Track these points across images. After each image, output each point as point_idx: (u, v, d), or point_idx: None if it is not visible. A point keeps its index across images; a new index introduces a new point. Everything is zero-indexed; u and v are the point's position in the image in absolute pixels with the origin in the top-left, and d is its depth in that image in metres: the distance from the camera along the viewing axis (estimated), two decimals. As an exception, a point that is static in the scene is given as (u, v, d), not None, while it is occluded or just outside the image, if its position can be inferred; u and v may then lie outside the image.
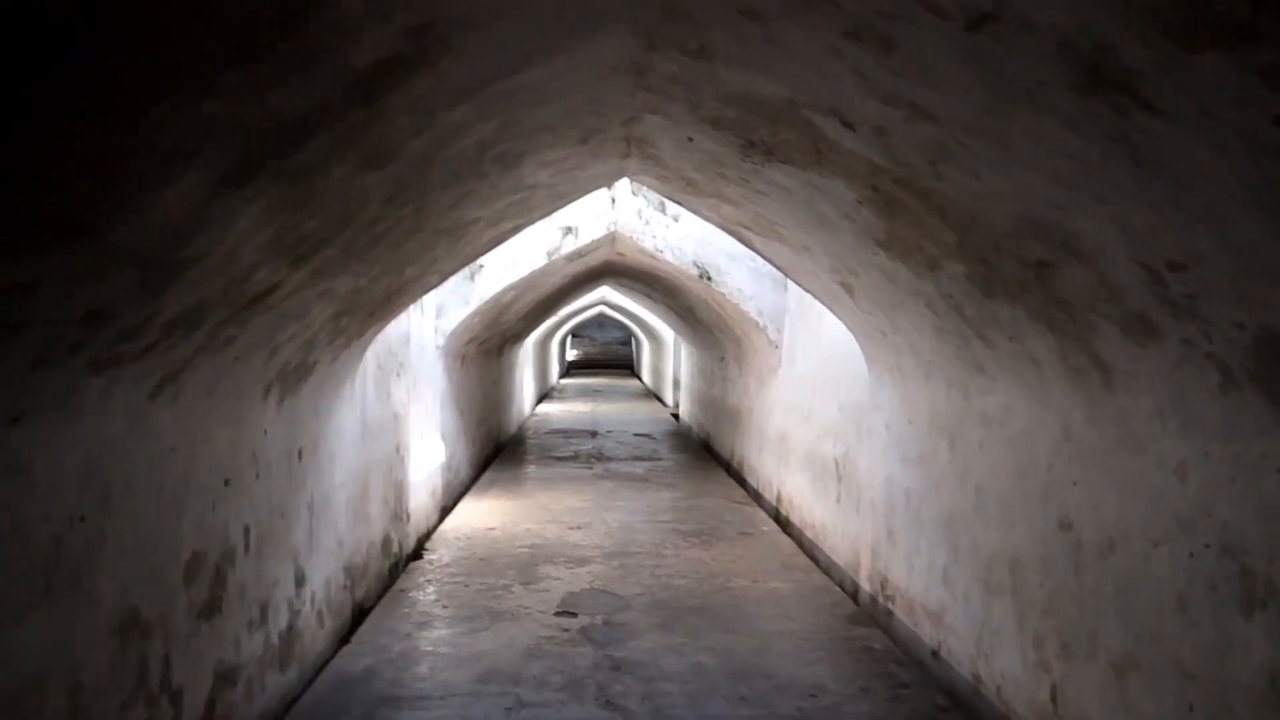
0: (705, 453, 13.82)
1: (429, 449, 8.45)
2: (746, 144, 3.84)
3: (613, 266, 11.39)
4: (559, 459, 12.71)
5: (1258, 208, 2.03)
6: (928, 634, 4.95)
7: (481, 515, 8.58)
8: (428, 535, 8.02)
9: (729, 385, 12.54)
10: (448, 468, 9.50)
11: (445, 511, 9.10)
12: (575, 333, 42.76)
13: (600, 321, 35.61)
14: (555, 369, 33.62)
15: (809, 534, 7.54)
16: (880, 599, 5.72)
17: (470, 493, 10.07)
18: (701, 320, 12.66)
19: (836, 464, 6.87)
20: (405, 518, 7.33)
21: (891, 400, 5.66)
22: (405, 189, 3.42)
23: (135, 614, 3.08)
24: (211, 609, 3.67)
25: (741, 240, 6.06)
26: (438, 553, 7.11)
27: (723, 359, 13.07)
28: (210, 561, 3.66)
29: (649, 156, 4.76)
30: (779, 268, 6.18)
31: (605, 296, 20.13)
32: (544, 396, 25.97)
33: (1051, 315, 3.23)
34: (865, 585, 6.00)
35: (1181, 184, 2.11)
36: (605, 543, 7.39)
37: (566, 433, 16.38)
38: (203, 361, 3.30)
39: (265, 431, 4.25)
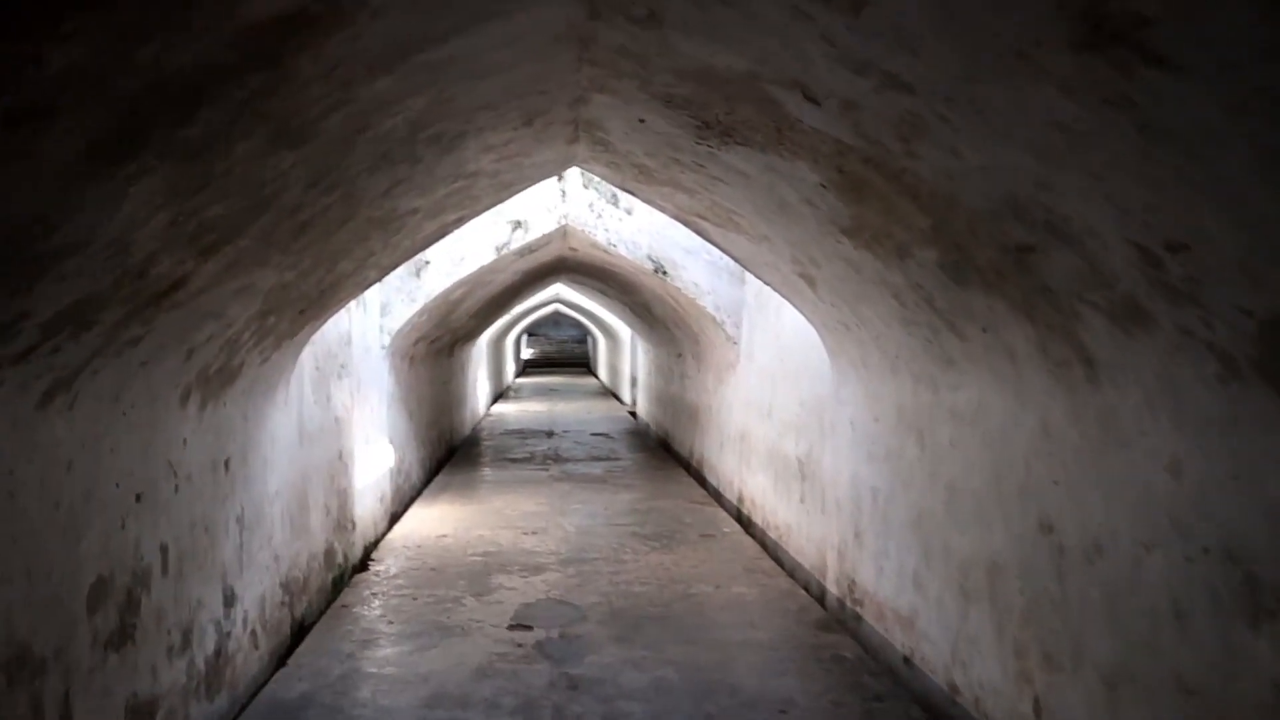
0: (664, 451, 13.58)
1: (376, 454, 8.09)
2: (702, 125, 3.58)
3: (565, 262, 11.09)
4: (514, 461, 12.38)
5: (1274, 179, 1.81)
6: (899, 640, 4.74)
7: (433, 522, 8.23)
8: (376, 544, 7.66)
9: (687, 382, 12.30)
10: (397, 472, 9.14)
11: (395, 518, 8.74)
12: (531, 331, 42.37)
13: (556, 320, 35.25)
14: (511, 368, 33.20)
15: (772, 535, 7.32)
16: (848, 603, 5.50)
17: (422, 497, 9.71)
18: (658, 317, 12.42)
19: (799, 462, 6.65)
20: (350, 526, 6.98)
21: (856, 396, 5.44)
22: (328, 172, 3.10)
23: (25, 650, 2.73)
24: (122, 637, 3.32)
25: (698, 231, 5.81)
26: (385, 563, 6.76)
27: (680, 355, 12.83)
28: (119, 585, 3.31)
29: (598, 141, 4.48)
30: (737, 260, 5.94)
31: (560, 294, 19.82)
32: (499, 396, 25.56)
33: (1032, 304, 3.01)
34: (832, 589, 5.79)
35: (1189, 152, 1.89)
36: (561, 549, 7.09)
37: (522, 433, 16.03)
38: (103, 365, 2.96)
39: (185, 440, 3.90)
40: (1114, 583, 2.93)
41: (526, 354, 45.90)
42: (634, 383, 21.76)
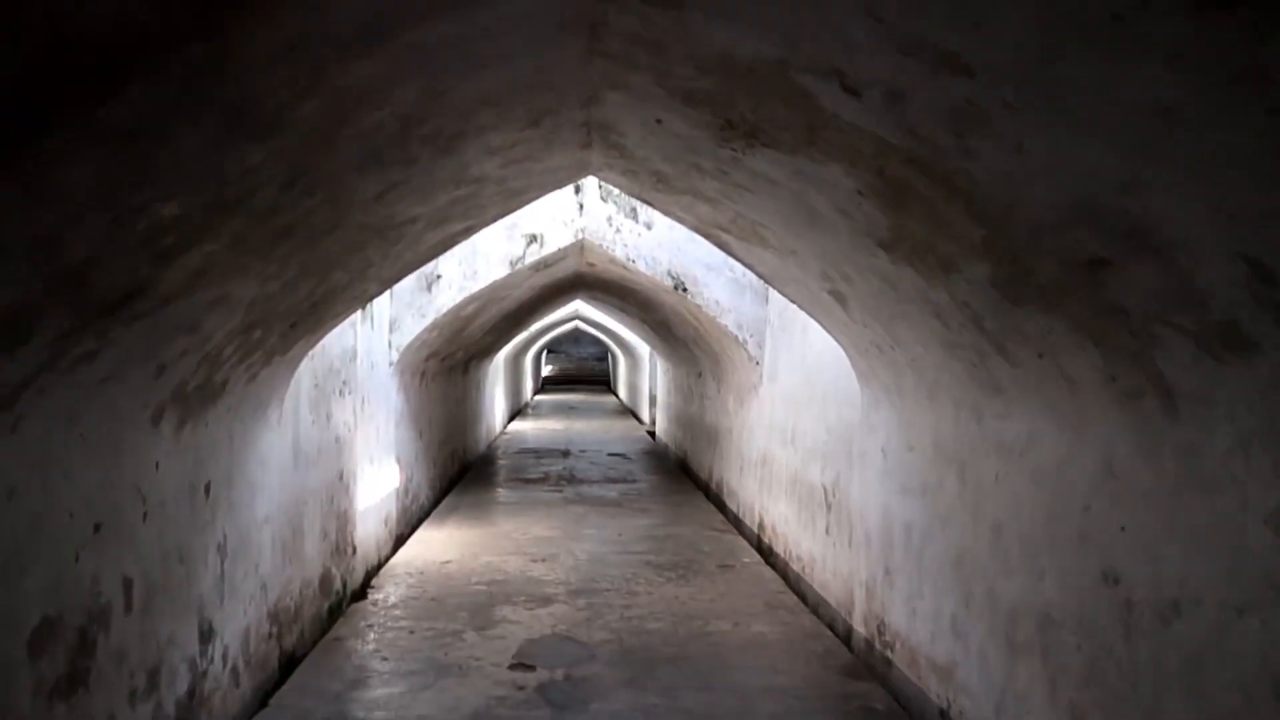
0: (682, 474, 13.19)
1: (381, 474, 7.77)
2: (724, 125, 3.24)
3: (583, 278, 10.77)
4: (528, 481, 12.04)
5: None
6: (935, 691, 4.33)
7: (439, 546, 7.89)
8: (378, 568, 7.33)
9: (707, 403, 11.93)
10: (404, 493, 8.81)
11: (401, 541, 8.41)
12: (550, 348, 42.14)
13: (576, 337, 35.00)
14: (529, 385, 32.94)
15: (795, 567, 6.92)
16: (877, 645, 5.10)
17: (430, 519, 9.38)
18: (677, 335, 12.07)
19: (825, 491, 6.26)
20: (350, 551, 6.65)
21: (888, 423, 5.06)
22: (306, 171, 2.78)
23: (-51, 707, 2.40)
24: (72, 684, 2.99)
25: (720, 245, 5.46)
26: (385, 591, 6.42)
27: (700, 375, 12.47)
28: (70, 626, 2.98)
29: (613, 146, 4.15)
30: (761, 276, 5.59)
31: (579, 311, 19.52)
32: (516, 414, 25.27)
33: (1100, 326, 2.64)
34: (860, 628, 5.38)
35: (1330, 141, 1.52)
36: (571, 578, 6.73)
37: (538, 452, 15.70)
38: (52, 383, 2.64)
39: (157, 464, 3.58)
40: (1196, 648, 2.53)
41: (546, 371, 45.67)
42: (653, 402, 21.40)
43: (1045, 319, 2.89)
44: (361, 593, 6.45)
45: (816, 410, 6.58)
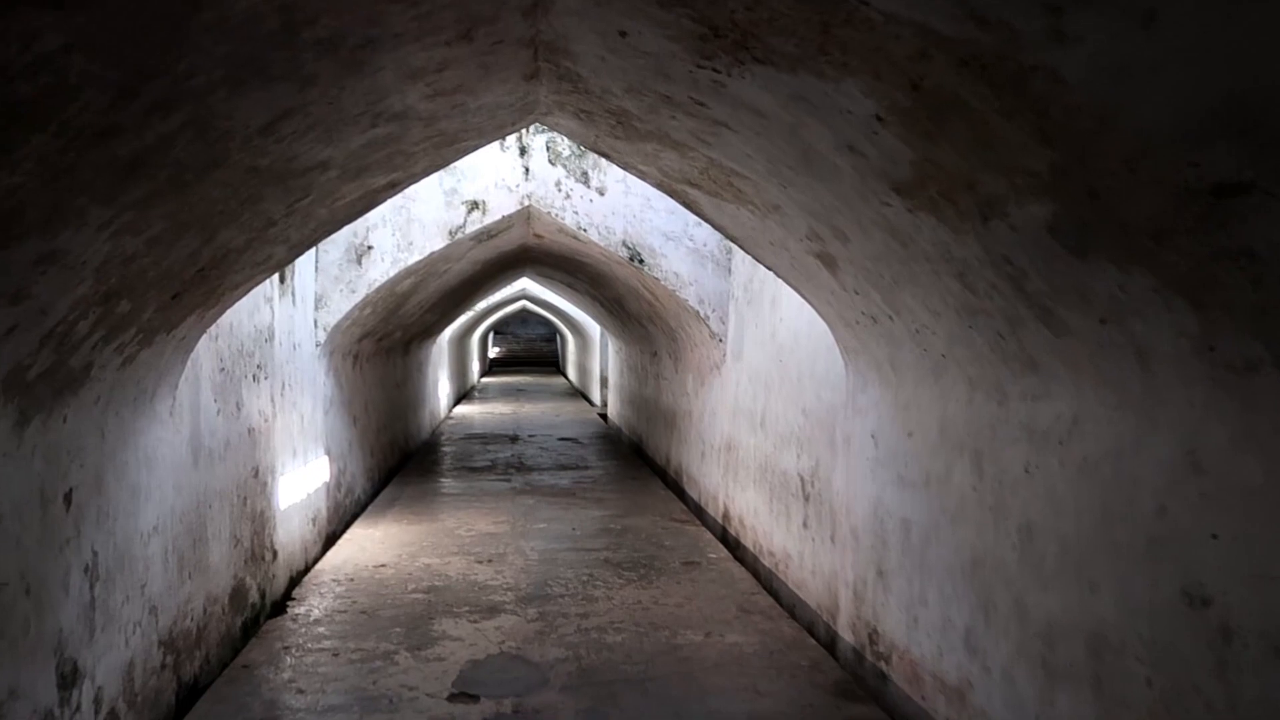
0: (637, 458, 12.55)
1: (308, 468, 6.98)
2: (707, 32, 2.56)
3: (530, 252, 10.03)
4: (474, 470, 11.28)
5: None
6: (944, 713, 3.75)
7: (374, 545, 7.13)
8: (304, 573, 6.56)
9: (663, 384, 11.29)
10: (335, 487, 8.03)
11: (332, 539, 7.63)
12: (497, 329, 41.24)
13: (523, 318, 34.15)
14: (476, 367, 32.05)
15: (767, 562, 6.32)
16: (869, 655, 4.51)
17: (366, 514, 8.60)
18: (631, 312, 11.39)
19: (802, 481, 5.65)
20: (270, 556, 5.88)
21: (880, 404, 4.45)
22: (150, 73, 2.04)
23: None
24: None
25: (685, 204, 4.79)
26: (308, 603, 5.66)
27: (655, 354, 11.82)
28: None
29: (565, 76, 3.44)
30: (733, 239, 4.93)
31: (526, 290, 18.75)
32: (463, 397, 24.41)
33: (1206, 279, 2.02)
34: (847, 635, 4.79)
35: None
36: (521, 581, 6.03)
37: (485, 438, 14.92)
38: None
39: (-13, 472, 2.81)
40: (1337, 698, 1.94)
41: (493, 352, 44.75)
42: (604, 383, 20.74)
43: (1121, 274, 2.27)
44: (281, 606, 5.69)
45: (790, 391, 5.96)
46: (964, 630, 3.61)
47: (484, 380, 33.45)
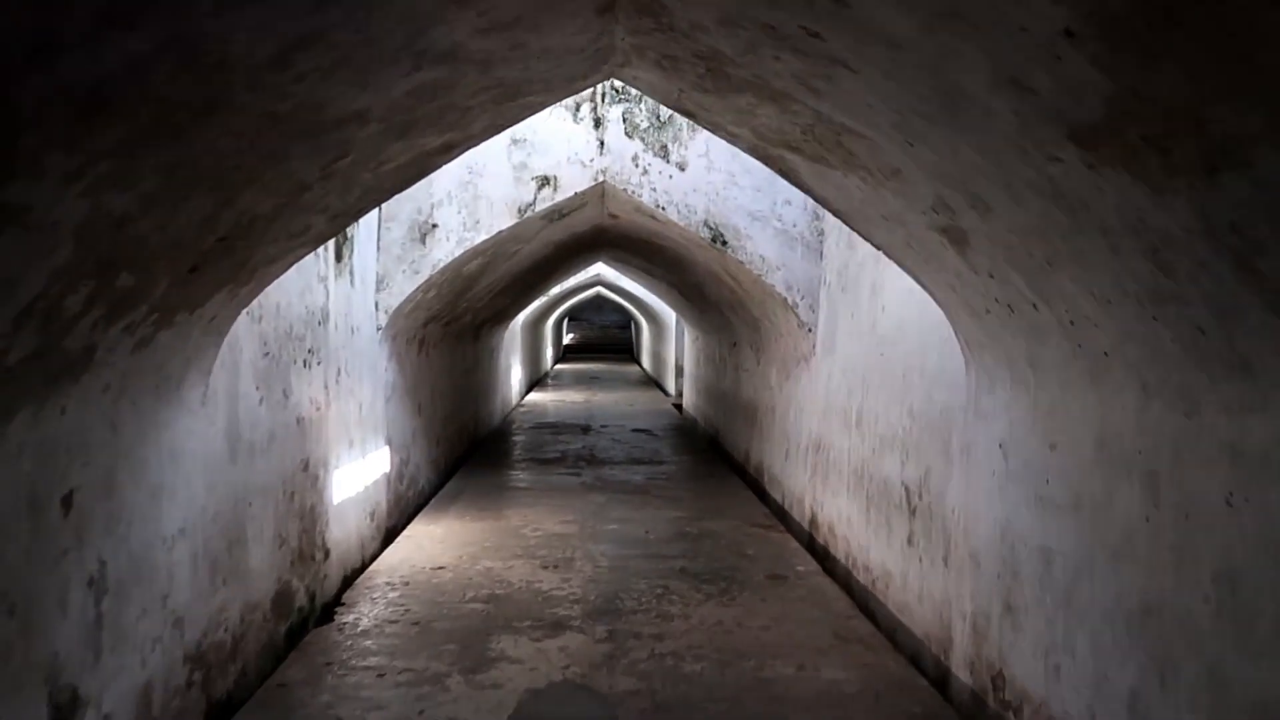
0: (714, 454, 11.94)
1: (367, 459, 6.57)
2: (838, -75, 1.93)
3: (605, 234, 9.48)
4: (543, 462, 10.83)
5: None
6: (1095, 792, 3.07)
7: (434, 544, 6.69)
8: (360, 570, 6.16)
9: (743, 376, 10.65)
10: (398, 479, 7.63)
11: (392, 534, 7.23)
12: (572, 315, 41.03)
13: (598, 304, 33.80)
14: (549, 354, 31.83)
15: (861, 578, 5.66)
16: (991, 702, 3.84)
17: (429, 507, 8.20)
18: (710, 299, 10.77)
19: (907, 491, 4.98)
20: (321, 555, 5.47)
21: (1013, 409, 3.76)
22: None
23: None
24: None
25: (782, 171, 4.15)
26: (358, 609, 5.21)
27: (735, 345, 11.18)
28: None
29: (646, 7, 2.85)
30: (836, 212, 4.28)
31: (601, 275, 18.29)
32: (536, 384, 24.12)
33: None
34: (963, 675, 4.13)
35: None
36: (589, 592, 5.49)
37: (556, 427, 14.49)
38: None
39: (-45, 475, 2.37)
40: None
41: (568, 339, 44.62)
42: (679, 372, 20.16)
43: None
44: (331, 610, 5.26)
45: (893, 389, 5.28)
46: (1128, 692, 2.92)
47: (558, 367, 33.21)
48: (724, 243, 7.22)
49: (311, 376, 5.34)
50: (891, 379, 5.34)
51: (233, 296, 3.58)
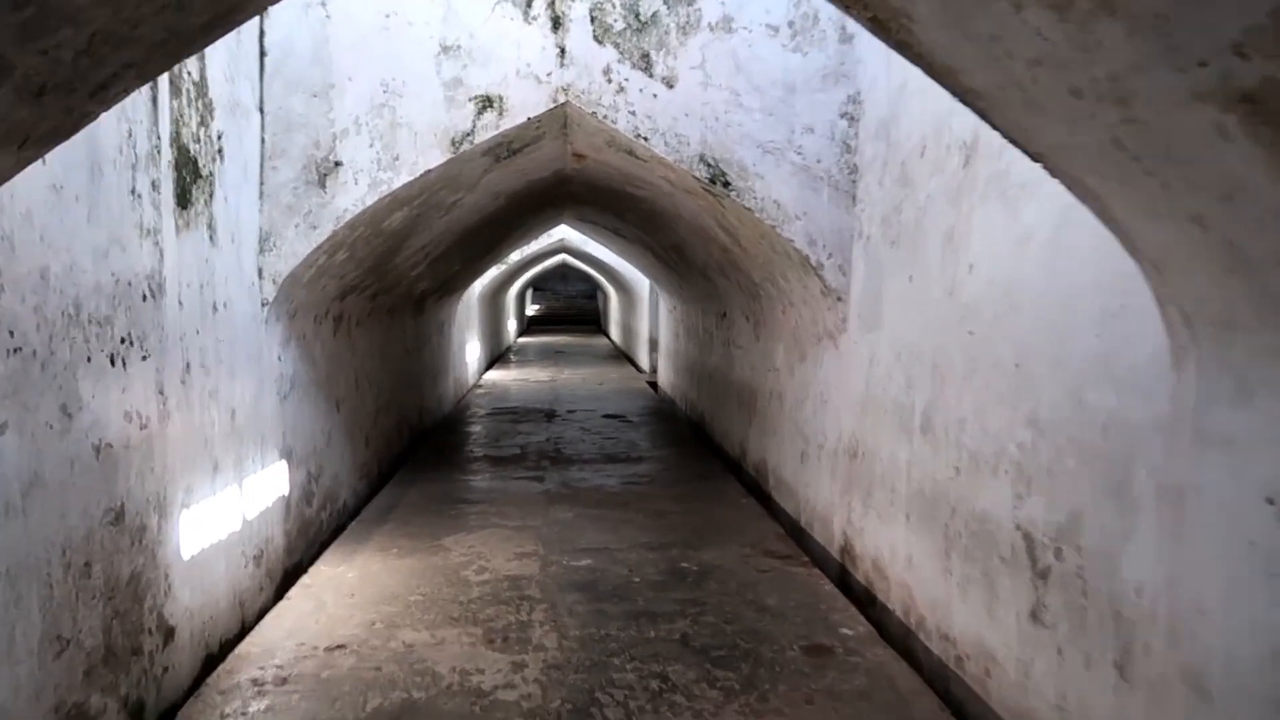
0: (700, 445, 10.26)
1: (247, 484, 4.79)
2: None
3: (569, 183, 7.68)
4: (498, 461, 9.06)
5: None
6: None
7: (339, 598, 4.92)
8: (235, 641, 4.40)
9: (736, 353, 8.94)
10: (304, 499, 5.84)
11: (294, 575, 5.47)
12: (536, 285, 39.18)
13: (563, 273, 31.92)
14: (512, 326, 29.94)
15: (938, 650, 4.01)
16: None
17: (351, 528, 6.44)
18: (693, 262, 9.03)
19: (1031, 542, 3.30)
20: (158, 640, 3.71)
21: (1314, 441, 2.07)
22: None
23: None
24: None
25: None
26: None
27: (724, 315, 9.46)
28: None
29: None
30: (969, 91, 2.51)
31: (566, 241, 16.47)
32: (496, 359, 22.28)
33: None
34: None
35: None
36: (552, 694, 3.72)
37: (516, 413, 12.71)
38: None
39: None
40: None
41: (532, 310, 42.76)
42: (653, 346, 18.44)
43: None
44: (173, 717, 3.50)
45: (998, 384, 3.60)
46: None
47: (521, 340, 31.33)
48: (726, 184, 5.46)
49: (128, 379, 3.54)
50: (991, 369, 3.64)
51: None
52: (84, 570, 3.20)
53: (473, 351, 17.10)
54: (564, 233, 15.46)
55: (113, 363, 3.42)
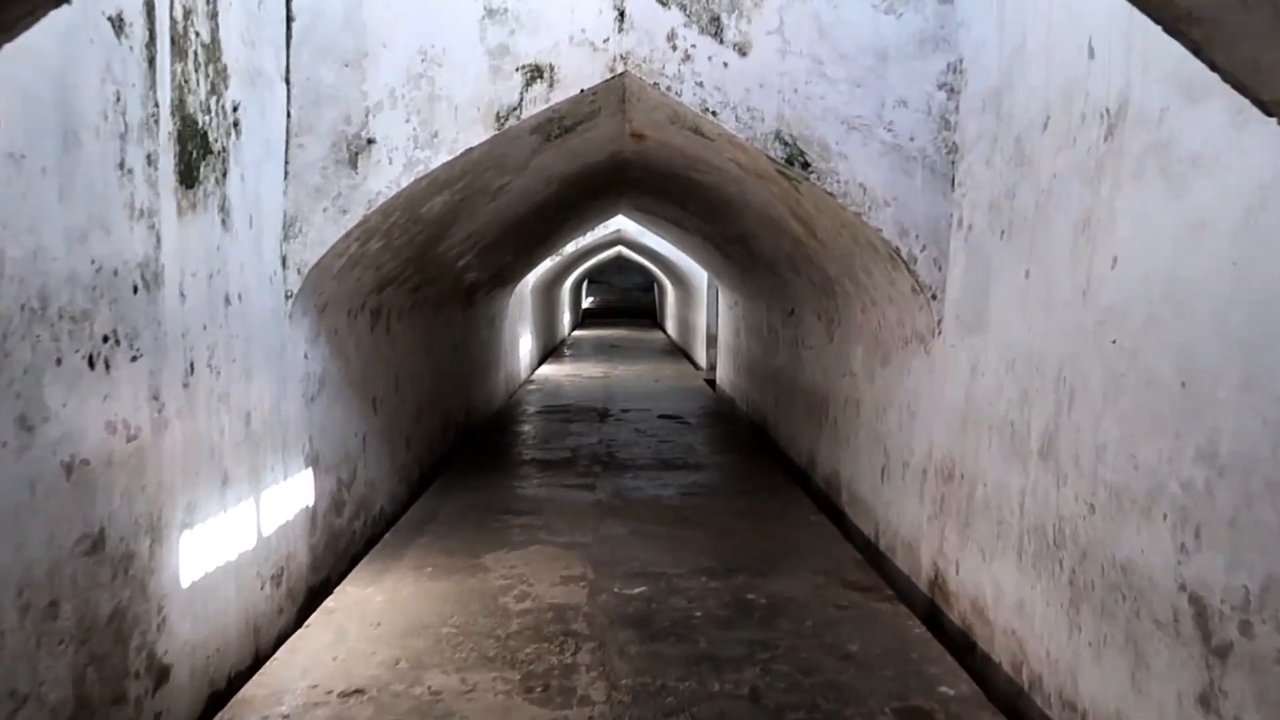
0: (763, 450, 9.60)
1: (265, 496, 4.30)
2: None
3: (627, 168, 7.09)
4: (546, 466, 8.52)
5: None
6: None
7: (363, 629, 4.40)
8: (248, 674, 3.91)
9: (806, 354, 8.27)
10: (334, 509, 5.36)
11: (318, 595, 4.97)
12: (591, 278, 38.78)
13: (619, 265, 31.42)
14: (567, 319, 29.52)
15: (1059, 719, 3.33)
16: None
17: (385, 541, 5.94)
18: (759, 255, 8.38)
19: (1202, 608, 2.62)
20: (147, 684, 3.23)
21: None
22: None
23: None
24: None
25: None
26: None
27: (793, 313, 8.79)
28: None
29: None
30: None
31: (623, 233, 15.91)
32: (550, 353, 21.83)
33: None
34: None
35: None
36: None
37: (567, 411, 12.18)
38: None
39: None
40: None
41: (587, 303, 42.41)
42: (711, 342, 17.80)
43: None
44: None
45: (1153, 405, 2.91)
46: None
47: (575, 334, 30.88)
48: (805, 164, 4.80)
49: (112, 384, 3.03)
50: (1143, 386, 2.95)
51: None
52: (47, 611, 2.70)
53: (525, 346, 16.65)
54: (621, 223, 14.90)
55: (91, 365, 2.92)
